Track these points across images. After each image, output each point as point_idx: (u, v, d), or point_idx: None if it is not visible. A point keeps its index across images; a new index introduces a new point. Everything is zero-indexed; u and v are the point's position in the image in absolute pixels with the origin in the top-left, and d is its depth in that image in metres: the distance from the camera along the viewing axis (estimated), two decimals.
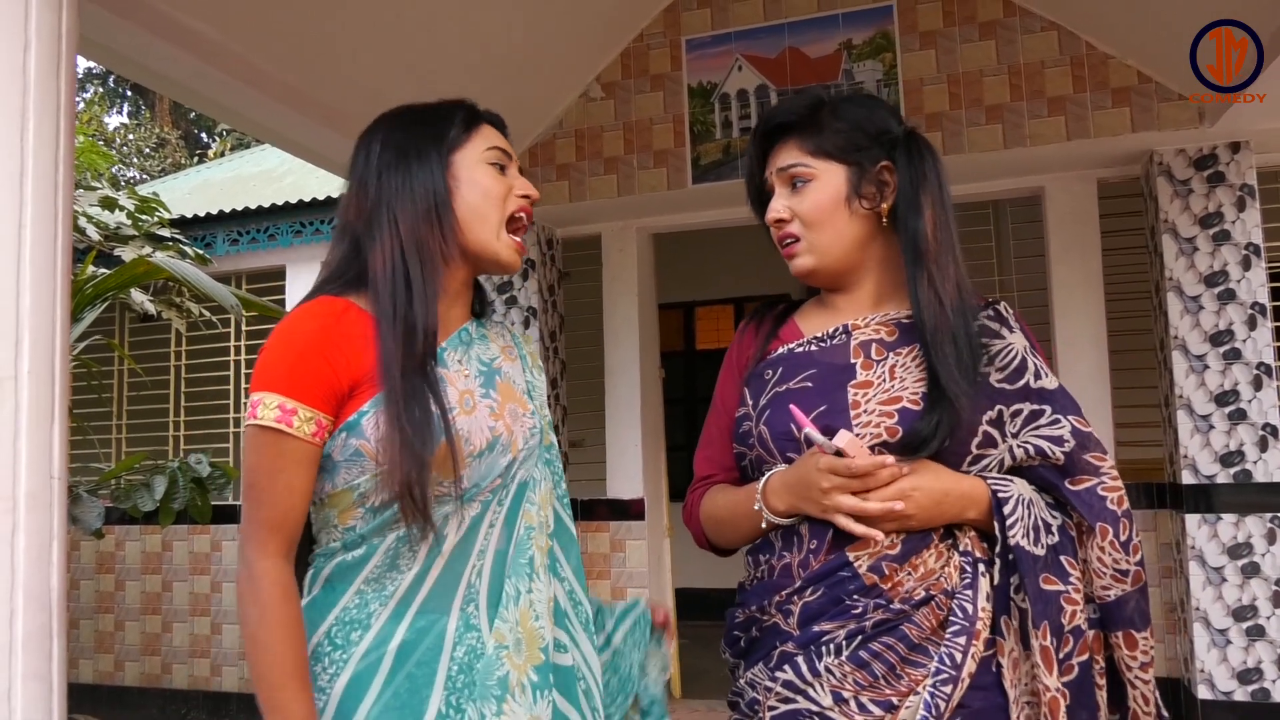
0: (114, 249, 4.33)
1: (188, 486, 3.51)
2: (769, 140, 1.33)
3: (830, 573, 1.16)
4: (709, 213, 4.49)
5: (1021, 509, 1.15)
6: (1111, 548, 1.15)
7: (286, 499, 1.10)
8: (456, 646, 1.12)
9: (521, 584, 1.17)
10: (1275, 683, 3.48)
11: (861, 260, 1.29)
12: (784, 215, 1.29)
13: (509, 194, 1.24)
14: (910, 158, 1.25)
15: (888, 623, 1.13)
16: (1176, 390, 3.66)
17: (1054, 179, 4.03)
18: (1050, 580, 1.13)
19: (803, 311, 1.38)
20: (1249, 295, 3.62)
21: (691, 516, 1.40)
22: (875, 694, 1.12)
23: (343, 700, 1.09)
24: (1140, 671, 1.18)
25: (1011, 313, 1.29)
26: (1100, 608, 1.17)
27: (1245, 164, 3.65)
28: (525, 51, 3.82)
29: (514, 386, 1.27)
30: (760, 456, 1.27)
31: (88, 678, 5.20)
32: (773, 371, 1.29)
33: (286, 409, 1.08)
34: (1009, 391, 1.20)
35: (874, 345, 1.25)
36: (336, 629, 1.12)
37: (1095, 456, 1.19)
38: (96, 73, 15.33)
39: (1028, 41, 3.74)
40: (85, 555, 5.28)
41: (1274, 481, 3.54)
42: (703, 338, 6.93)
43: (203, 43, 2.72)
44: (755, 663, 1.22)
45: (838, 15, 3.96)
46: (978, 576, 1.15)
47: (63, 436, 1.59)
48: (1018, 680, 1.13)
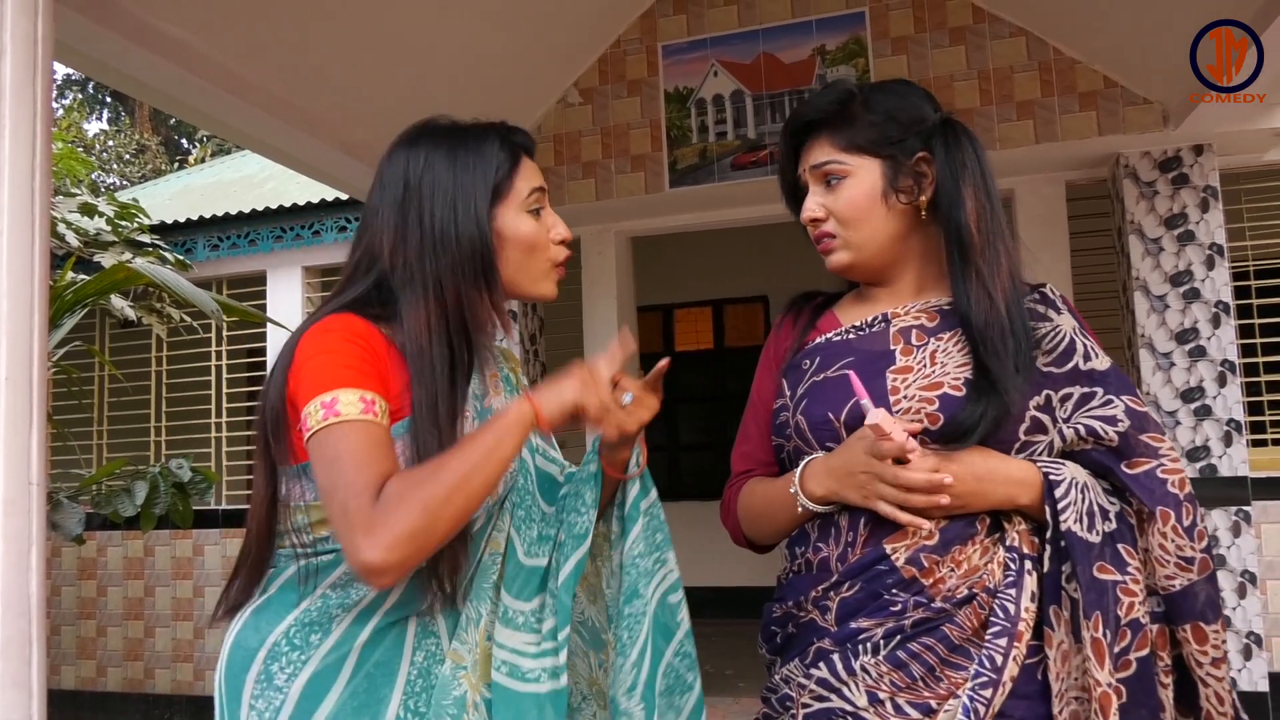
0: (94, 255, 4.34)
1: (169, 491, 3.53)
2: (800, 137, 1.28)
3: (868, 566, 1.12)
4: (686, 216, 4.54)
5: (1075, 492, 1.09)
6: (1174, 533, 1.08)
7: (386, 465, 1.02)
8: (416, 651, 1.13)
9: (483, 607, 1.17)
10: (1241, 671, 3.55)
11: (901, 254, 1.24)
12: (819, 214, 1.24)
13: (549, 241, 1.22)
14: (949, 148, 1.20)
15: (928, 622, 1.09)
16: (1144, 386, 3.74)
17: (1023, 181, 4.10)
18: (1106, 569, 1.06)
19: (841, 304, 1.34)
20: (1213, 294, 3.70)
21: (729, 513, 1.36)
22: (913, 696, 1.09)
23: (301, 699, 1.08)
24: (1212, 668, 1.10)
25: (1058, 294, 1.24)
26: (1165, 600, 1.10)
27: (1208, 166, 3.73)
28: (503, 58, 3.86)
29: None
30: (798, 447, 1.23)
31: (70, 684, 5.19)
32: (810, 361, 1.25)
33: (367, 400, 1.05)
34: (1057, 375, 1.15)
35: (914, 331, 1.21)
36: (295, 630, 1.11)
37: (1153, 437, 1.13)
38: (75, 79, 15.26)
39: (997, 47, 3.81)
40: (67, 561, 5.27)
41: (1239, 476, 3.62)
42: (681, 339, 6.97)
43: (182, 49, 2.75)
44: (791, 659, 1.19)
45: (811, 21, 4.02)
46: (1023, 574, 1.09)
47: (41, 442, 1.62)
48: (1066, 674, 1.07)
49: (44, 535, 1.61)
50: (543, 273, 1.22)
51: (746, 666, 5.07)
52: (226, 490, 5.19)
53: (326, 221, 5.01)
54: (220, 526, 5.00)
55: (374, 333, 1.12)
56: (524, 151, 1.23)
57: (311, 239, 5.01)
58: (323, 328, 1.11)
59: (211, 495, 3.89)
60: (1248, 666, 3.55)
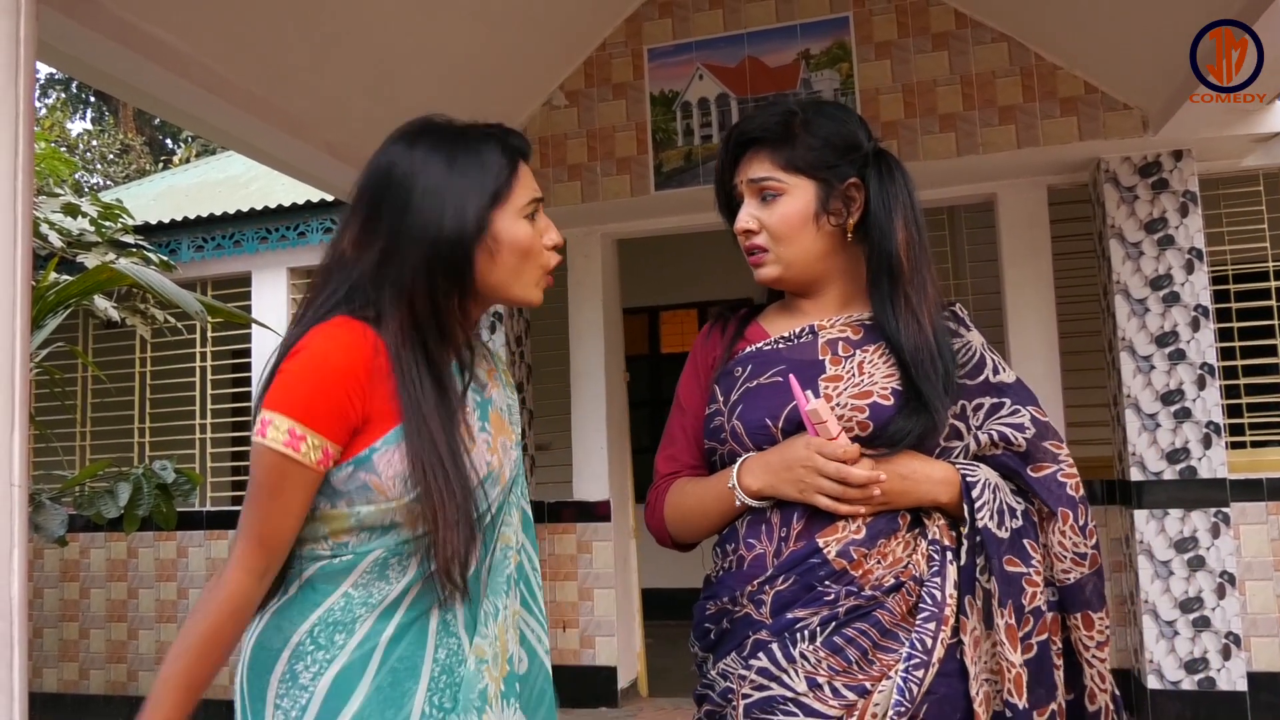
0: (77, 255, 4.32)
1: (152, 493, 3.51)
2: (740, 148, 1.33)
3: (801, 560, 1.18)
4: (672, 219, 4.56)
5: (988, 493, 1.19)
6: (1072, 531, 1.21)
7: (282, 519, 1.10)
8: (439, 648, 1.14)
9: (500, 601, 1.20)
10: (1220, 671, 3.59)
11: (826, 271, 1.31)
12: (752, 226, 1.30)
13: (543, 246, 1.23)
14: (881, 179, 1.27)
15: (860, 609, 1.16)
16: (1124, 390, 3.77)
17: (1005, 186, 4.14)
18: (1013, 562, 1.17)
19: (766, 314, 1.40)
20: (1192, 298, 3.74)
21: (655, 513, 1.40)
22: (849, 679, 1.14)
23: (328, 697, 1.10)
24: (1097, 650, 1.22)
25: (965, 313, 1.34)
26: (1060, 590, 1.21)
27: (1188, 171, 3.78)
28: (489, 60, 3.87)
29: (503, 416, 1.27)
30: (733, 450, 1.28)
31: (52, 686, 5.15)
32: (742, 369, 1.30)
33: (296, 434, 1.08)
34: (970, 387, 1.25)
35: (840, 344, 1.28)
36: (320, 629, 1.12)
37: (1053, 444, 1.24)
38: (59, 78, 15.16)
39: (979, 52, 3.84)
40: (49, 563, 5.24)
41: (1218, 478, 3.66)
42: (667, 341, 6.99)
43: (164, 49, 2.74)
44: (727, 653, 1.23)
45: (796, 26, 4.05)
46: (945, 564, 1.19)
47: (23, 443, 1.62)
48: (978, 658, 1.16)
49: (25, 536, 1.61)
50: (534, 279, 1.23)
51: None
52: (211, 492, 5.17)
53: (311, 223, 5.00)
54: (204, 528, 4.98)
55: (365, 346, 1.12)
56: (521, 157, 1.24)
57: (297, 240, 5.00)
58: (309, 344, 1.12)
59: (196, 497, 3.88)
60: (1226, 666, 3.59)
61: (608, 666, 4.50)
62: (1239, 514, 3.71)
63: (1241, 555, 3.73)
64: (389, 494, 1.10)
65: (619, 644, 4.53)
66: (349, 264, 1.18)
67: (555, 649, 4.55)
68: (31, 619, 5.25)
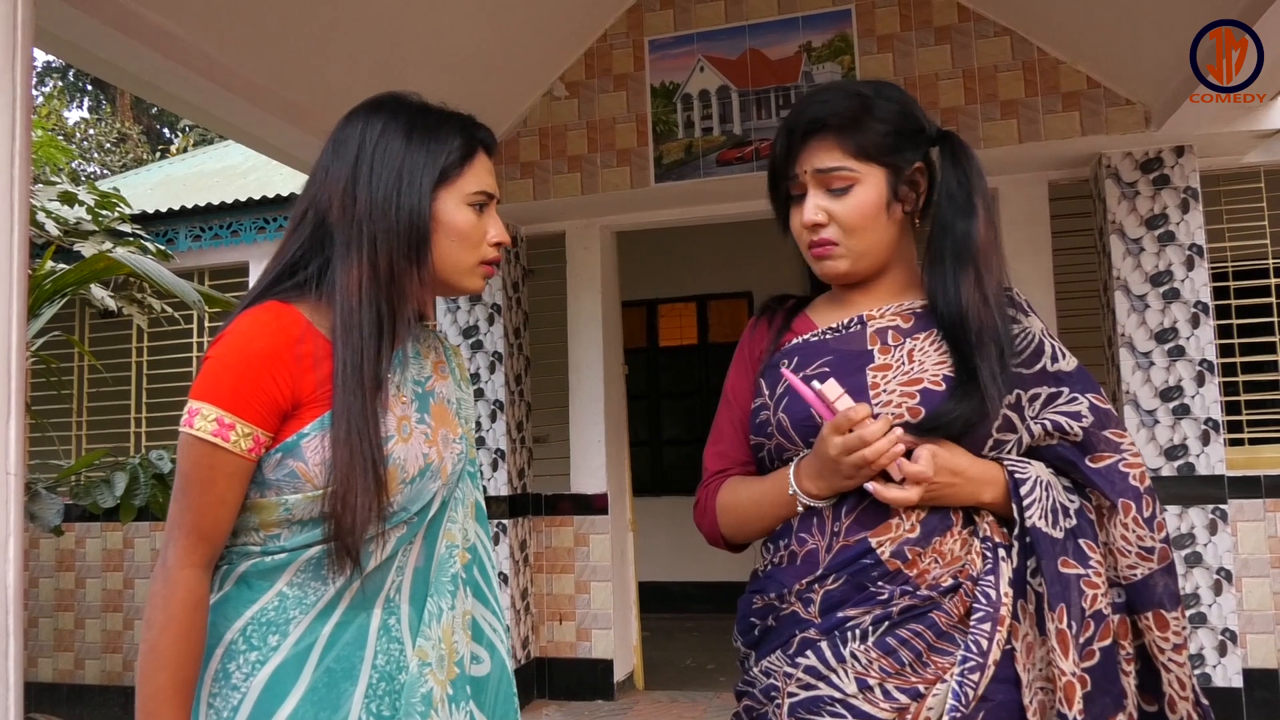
0: (74, 244, 4.30)
1: (148, 483, 3.50)
2: (805, 136, 1.25)
3: (853, 560, 1.14)
4: (671, 211, 4.54)
5: (1039, 490, 1.13)
6: (1135, 524, 1.14)
7: (217, 510, 1.08)
8: (378, 654, 1.12)
9: (444, 601, 1.18)
10: (1216, 668, 3.60)
11: (890, 260, 1.27)
12: (821, 219, 1.22)
13: (483, 240, 1.21)
14: (956, 159, 1.23)
15: (915, 609, 1.12)
16: (1124, 386, 3.77)
17: (1007, 180, 4.12)
18: (1069, 564, 1.11)
19: (815, 306, 1.35)
20: (1192, 294, 3.73)
21: (705, 512, 1.35)
22: (901, 681, 1.10)
23: (262, 695, 1.08)
24: (1174, 654, 1.13)
25: (1024, 298, 1.27)
26: (1127, 589, 1.14)
27: (1189, 167, 3.77)
28: (490, 50, 3.85)
29: (447, 408, 1.25)
30: (781, 445, 1.24)
31: (47, 676, 5.15)
32: (788, 361, 1.26)
33: (224, 423, 1.06)
34: (1026, 376, 1.19)
35: (890, 332, 1.23)
36: (252, 629, 1.10)
37: (1115, 433, 1.18)
38: (56, 66, 15.09)
39: (981, 46, 3.83)
40: (45, 553, 5.23)
41: (1216, 474, 3.66)
42: (665, 335, 6.98)
43: (164, 38, 2.72)
44: (771, 650, 1.19)
45: (798, 18, 4.03)
46: (999, 562, 1.13)
47: (19, 432, 1.61)
48: (1031, 665, 1.11)
49: (21, 525, 1.60)
50: (469, 267, 1.21)
51: (727, 661, 5.09)
52: None
53: None
54: None
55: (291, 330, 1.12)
56: (483, 148, 1.23)
57: None
58: (237, 331, 1.11)
59: None
60: (1222, 663, 3.60)
61: (604, 659, 4.50)
62: (1236, 511, 3.72)
63: (1238, 552, 3.73)
64: (316, 482, 1.09)
65: (615, 637, 4.53)
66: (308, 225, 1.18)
67: (552, 641, 4.55)
68: (27, 609, 5.24)
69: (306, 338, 1.12)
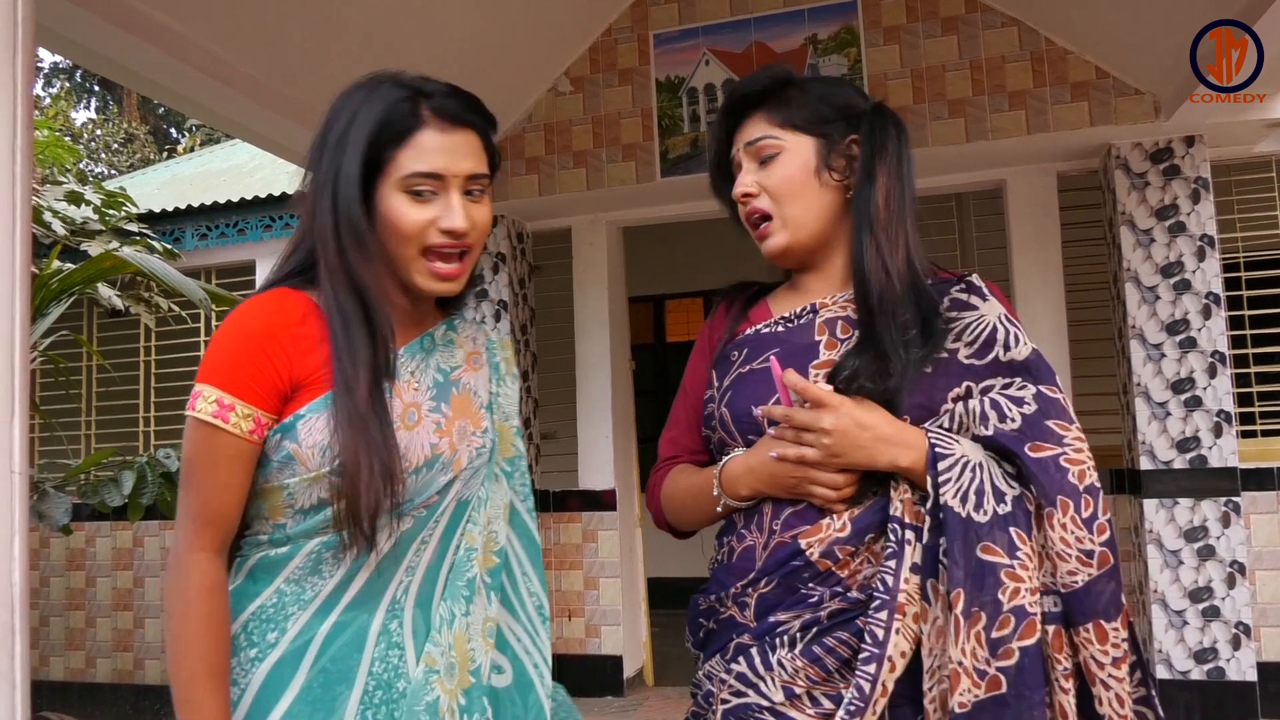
0: (80, 244, 4.30)
1: (156, 481, 3.50)
2: (735, 117, 1.29)
3: (783, 562, 1.13)
4: (678, 206, 4.52)
5: (961, 470, 1.07)
6: (1074, 525, 1.05)
7: (221, 494, 1.07)
8: (376, 661, 1.09)
9: (457, 607, 1.13)
10: (1229, 661, 3.57)
11: (833, 235, 1.25)
12: (752, 190, 1.25)
13: (430, 226, 1.11)
14: (873, 129, 1.23)
15: (844, 614, 1.09)
16: (1134, 378, 3.74)
17: (1015, 172, 4.10)
18: (991, 550, 1.03)
19: (775, 294, 1.35)
20: (1204, 285, 3.70)
21: (653, 497, 1.37)
22: (828, 688, 1.09)
23: (259, 694, 1.07)
24: (1113, 669, 1.04)
25: (983, 283, 1.22)
26: (1066, 599, 1.05)
27: (1199, 157, 3.73)
28: (494, 46, 3.84)
29: (472, 399, 1.21)
30: (722, 440, 1.24)
31: (58, 675, 5.16)
32: (738, 353, 1.26)
33: (224, 404, 1.05)
34: (979, 367, 1.15)
35: (839, 323, 1.21)
36: (253, 624, 1.09)
37: (1059, 424, 1.09)
38: (63, 67, 15.14)
39: (989, 37, 3.80)
40: (55, 552, 5.24)
41: (1228, 466, 3.63)
42: (672, 330, 6.96)
43: (167, 35, 2.72)
44: (712, 654, 1.20)
45: (803, 10, 4.01)
46: (904, 545, 1.07)
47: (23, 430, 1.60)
48: (940, 650, 1.04)
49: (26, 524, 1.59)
50: (407, 262, 1.12)
51: None
52: None
53: None
54: None
55: (289, 310, 1.10)
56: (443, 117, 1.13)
57: None
58: (236, 313, 1.10)
59: None
60: (1236, 656, 3.57)
61: (613, 655, 4.49)
62: (1249, 503, 3.69)
63: (1252, 545, 3.70)
64: (309, 465, 1.06)
65: (624, 633, 4.52)
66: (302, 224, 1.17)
67: (561, 638, 4.54)
68: (38, 608, 5.26)
69: (309, 320, 1.11)
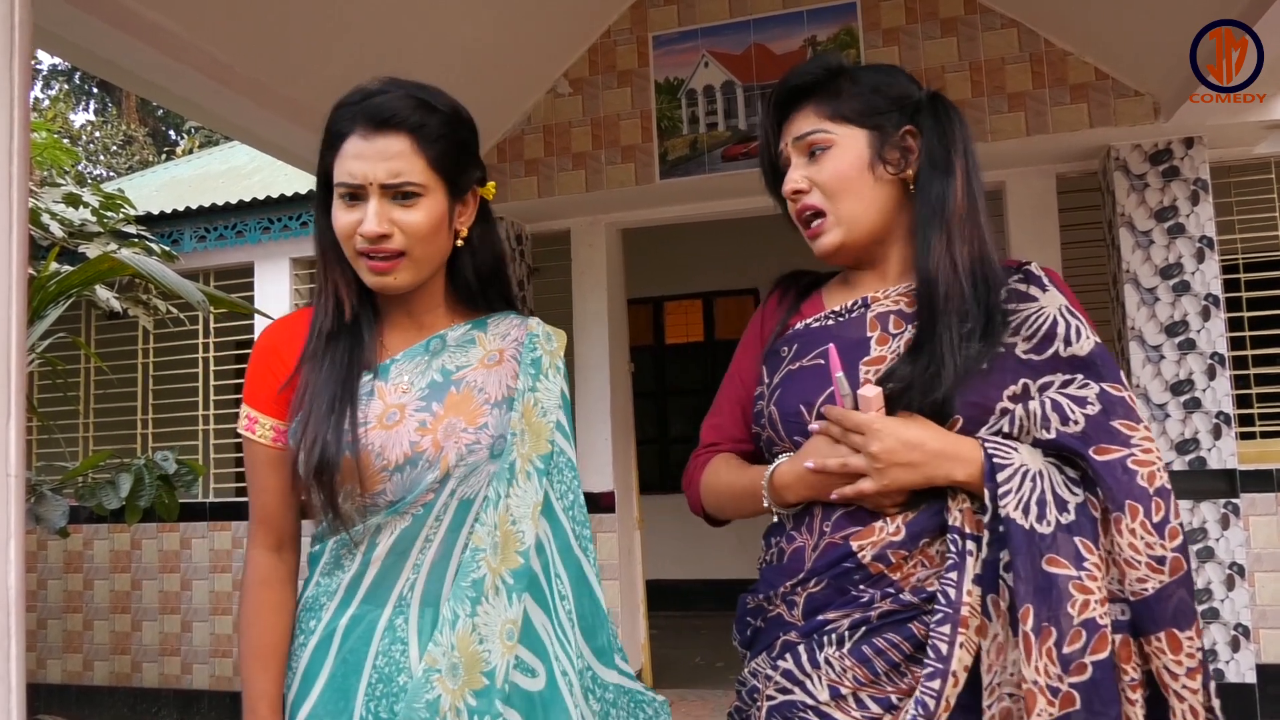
0: (78, 246, 4.29)
1: (154, 484, 3.49)
2: (784, 110, 1.24)
3: (834, 563, 1.10)
4: (677, 208, 4.52)
5: (1021, 480, 1.02)
6: (1144, 530, 0.99)
7: (264, 497, 1.21)
8: (380, 655, 1.14)
9: (461, 608, 1.12)
10: (1229, 663, 3.57)
11: (888, 231, 1.20)
12: (802, 186, 1.20)
13: (355, 231, 1.16)
14: (938, 119, 1.18)
15: (895, 615, 1.06)
16: (1133, 379, 3.74)
17: (1014, 174, 4.10)
18: (1057, 562, 0.99)
19: (829, 286, 1.30)
20: (1203, 287, 3.70)
21: (691, 482, 1.35)
22: (875, 690, 1.06)
23: (304, 674, 1.17)
24: (1188, 680, 0.99)
25: (1043, 271, 1.18)
26: (1136, 607, 1.00)
27: (1199, 159, 3.73)
28: (493, 48, 3.83)
29: (474, 397, 1.21)
30: (770, 438, 1.21)
31: (56, 678, 5.15)
32: (788, 348, 1.22)
33: (251, 418, 1.21)
34: (1037, 363, 1.09)
35: (892, 318, 1.17)
36: (303, 612, 1.21)
37: (1125, 424, 1.04)
38: (62, 69, 15.13)
39: (988, 38, 3.80)
40: (53, 554, 5.23)
41: (1228, 468, 3.63)
42: (672, 332, 6.96)
43: (166, 37, 2.71)
44: (759, 652, 1.18)
45: (803, 12, 4.00)
46: (965, 556, 1.03)
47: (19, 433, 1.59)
48: (1000, 667, 1.01)
49: (23, 527, 1.59)
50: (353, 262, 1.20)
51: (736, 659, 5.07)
52: (213, 483, 5.16)
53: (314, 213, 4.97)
54: (207, 519, 4.97)
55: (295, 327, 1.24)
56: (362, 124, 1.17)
57: (299, 230, 4.97)
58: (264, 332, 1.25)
59: (198, 488, 3.85)
60: (1235, 658, 3.56)
61: None
62: (1249, 505, 3.68)
63: (1251, 547, 3.69)
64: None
65: (624, 635, 4.51)
66: None
67: None
68: (35, 610, 5.24)
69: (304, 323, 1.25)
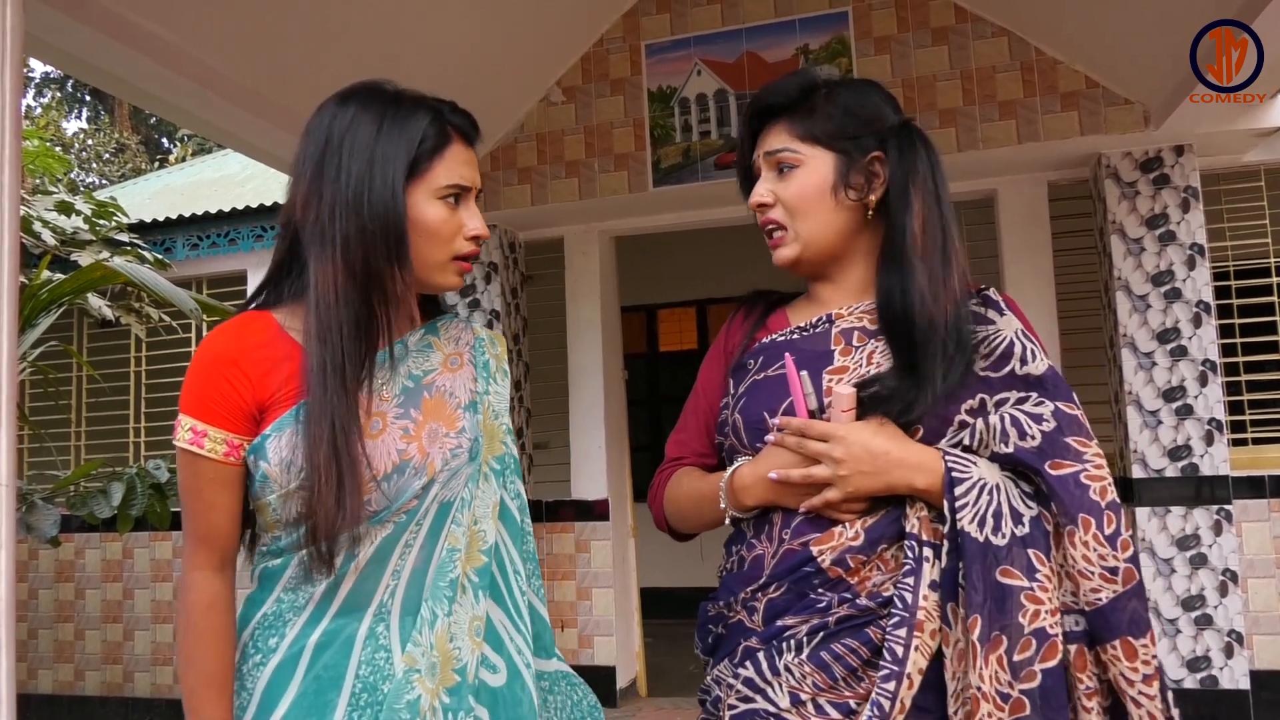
0: (70, 254, 4.29)
1: (145, 493, 3.48)
2: (759, 121, 1.27)
3: (795, 568, 1.12)
4: (670, 215, 4.53)
5: (979, 494, 1.06)
6: (1096, 542, 1.04)
7: (209, 515, 1.12)
8: (363, 665, 1.10)
9: (439, 608, 1.13)
10: (1222, 670, 3.57)
11: (846, 251, 1.24)
12: (767, 200, 1.24)
13: (458, 234, 1.17)
14: (902, 151, 1.19)
15: (852, 620, 1.08)
16: (1126, 386, 3.75)
17: (1005, 181, 4.11)
18: (1010, 573, 1.03)
19: (794, 304, 1.34)
20: (1194, 294, 3.72)
21: (655, 498, 1.36)
22: (834, 696, 1.08)
23: (263, 698, 1.11)
24: (1144, 686, 1.04)
25: (1001, 296, 1.22)
26: (1090, 617, 1.05)
27: (1189, 166, 3.75)
28: (486, 55, 3.84)
29: (447, 402, 1.20)
30: (733, 446, 1.23)
31: (47, 688, 5.12)
32: (754, 361, 1.25)
33: (198, 431, 1.11)
34: (994, 380, 1.13)
35: (855, 333, 1.20)
36: (259, 631, 1.13)
37: (1079, 441, 1.09)
38: (55, 77, 15.12)
39: (979, 47, 3.82)
40: (44, 564, 5.20)
41: (1220, 475, 3.64)
42: (665, 340, 6.96)
43: (158, 45, 2.71)
44: (721, 660, 1.19)
45: (794, 21, 4.02)
46: (921, 562, 1.06)
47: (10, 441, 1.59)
48: (962, 673, 1.03)
49: (14, 536, 1.58)
50: (441, 264, 1.17)
51: None
52: None
53: None
54: None
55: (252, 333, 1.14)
56: (459, 136, 1.19)
57: None
58: (203, 341, 1.15)
59: None
60: (1229, 665, 3.57)
61: (606, 666, 4.47)
62: (1241, 511, 3.69)
63: (1244, 553, 3.71)
64: (280, 482, 1.10)
65: (618, 643, 4.50)
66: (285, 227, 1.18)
67: None
68: (27, 620, 5.20)
69: (273, 341, 1.14)
